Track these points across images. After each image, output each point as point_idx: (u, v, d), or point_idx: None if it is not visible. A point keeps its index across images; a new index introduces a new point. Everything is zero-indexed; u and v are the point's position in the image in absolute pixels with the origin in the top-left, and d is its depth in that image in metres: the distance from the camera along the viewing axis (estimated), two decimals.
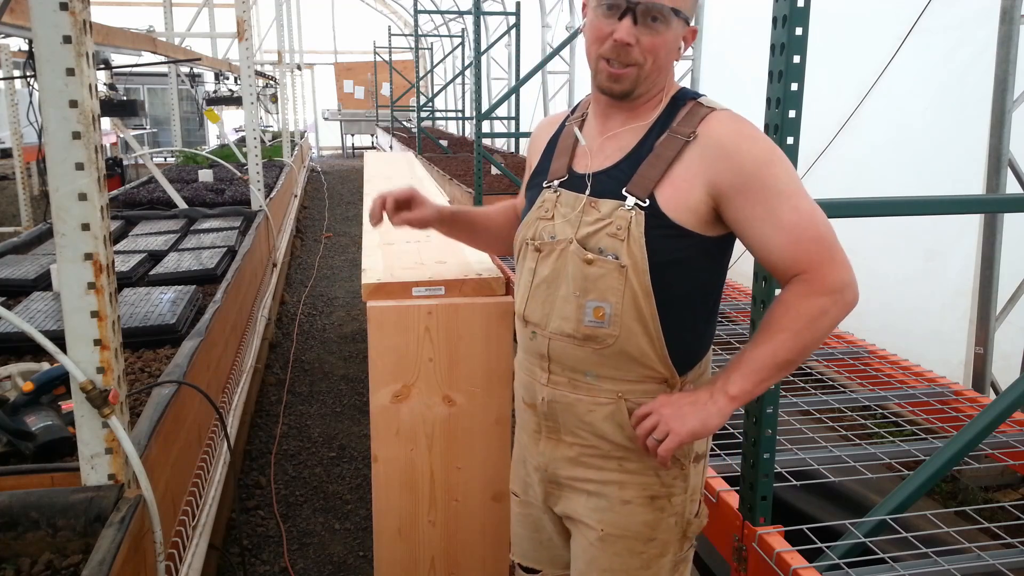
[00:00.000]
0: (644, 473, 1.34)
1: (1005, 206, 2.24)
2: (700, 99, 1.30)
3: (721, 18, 5.27)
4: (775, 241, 1.22)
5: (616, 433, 1.33)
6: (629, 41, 1.23)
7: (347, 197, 11.69)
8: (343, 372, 4.57)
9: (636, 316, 1.27)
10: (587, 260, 1.28)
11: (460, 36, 11.83)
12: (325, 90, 19.54)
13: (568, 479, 1.39)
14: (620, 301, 1.26)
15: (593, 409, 1.33)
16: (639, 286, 1.25)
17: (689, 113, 1.28)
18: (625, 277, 1.25)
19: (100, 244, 1.41)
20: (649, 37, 1.23)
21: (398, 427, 1.82)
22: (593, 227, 1.28)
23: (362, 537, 2.86)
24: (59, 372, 1.84)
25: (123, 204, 5.29)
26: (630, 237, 1.24)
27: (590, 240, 1.28)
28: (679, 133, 1.26)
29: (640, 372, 1.30)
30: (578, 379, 1.34)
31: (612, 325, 1.28)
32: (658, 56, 1.25)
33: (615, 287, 1.26)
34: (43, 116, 1.36)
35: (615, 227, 1.26)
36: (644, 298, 1.25)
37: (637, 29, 1.23)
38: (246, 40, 4.92)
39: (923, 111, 3.41)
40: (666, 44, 1.25)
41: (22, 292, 2.97)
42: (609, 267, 1.26)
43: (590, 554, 1.39)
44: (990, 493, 2.06)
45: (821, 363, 2.69)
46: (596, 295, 1.28)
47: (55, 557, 1.42)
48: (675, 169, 1.25)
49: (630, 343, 1.28)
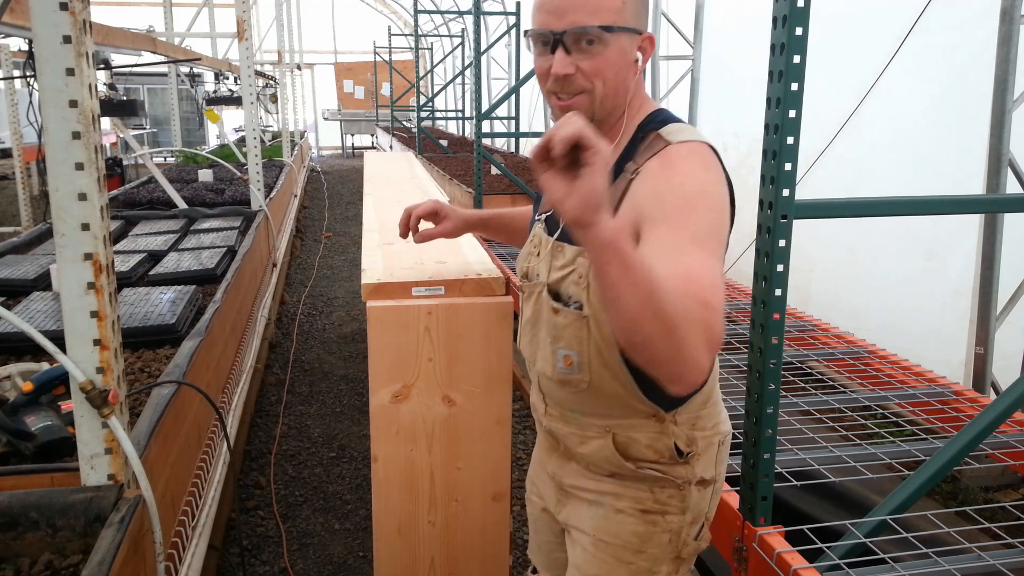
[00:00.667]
0: (638, 488, 1.33)
1: (1005, 206, 2.24)
2: (663, 129, 1.20)
3: (721, 18, 5.28)
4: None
5: (606, 464, 1.33)
6: (567, 72, 1.17)
7: (347, 197, 11.69)
8: (343, 372, 4.57)
9: (602, 363, 1.24)
10: (554, 309, 1.26)
11: (460, 36, 11.83)
12: (325, 90, 19.54)
13: (571, 487, 1.41)
14: (586, 350, 1.24)
15: (584, 442, 1.34)
16: (600, 337, 1.21)
17: (647, 147, 1.20)
18: (588, 327, 1.23)
19: (100, 244, 1.41)
20: (588, 61, 1.16)
21: (398, 427, 1.82)
22: (560, 272, 1.26)
23: (362, 537, 2.86)
24: (59, 372, 1.84)
25: (123, 204, 5.29)
26: (590, 287, 1.20)
27: (560, 285, 1.26)
28: (628, 171, 1.20)
29: (622, 410, 1.29)
30: (567, 415, 1.35)
31: (581, 371, 1.27)
32: (605, 77, 1.18)
33: (580, 336, 1.24)
34: (43, 116, 1.36)
35: (577, 275, 1.23)
36: (607, 348, 1.22)
37: (573, 56, 1.16)
38: (246, 40, 4.92)
39: (923, 111, 3.42)
40: (609, 63, 1.17)
41: (22, 292, 2.96)
42: (572, 317, 1.24)
43: (581, 558, 1.40)
44: (990, 493, 2.06)
45: (821, 363, 2.69)
46: (564, 343, 1.27)
47: (55, 557, 1.42)
48: (622, 209, 1.16)
49: (604, 387, 1.27)
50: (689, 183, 1.10)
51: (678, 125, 1.22)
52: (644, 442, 1.30)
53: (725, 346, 2.81)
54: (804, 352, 2.78)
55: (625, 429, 1.30)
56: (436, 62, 13.33)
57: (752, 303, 1.62)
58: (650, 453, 1.30)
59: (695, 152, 1.16)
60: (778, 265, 1.53)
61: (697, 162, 1.15)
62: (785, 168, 1.50)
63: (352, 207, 10.69)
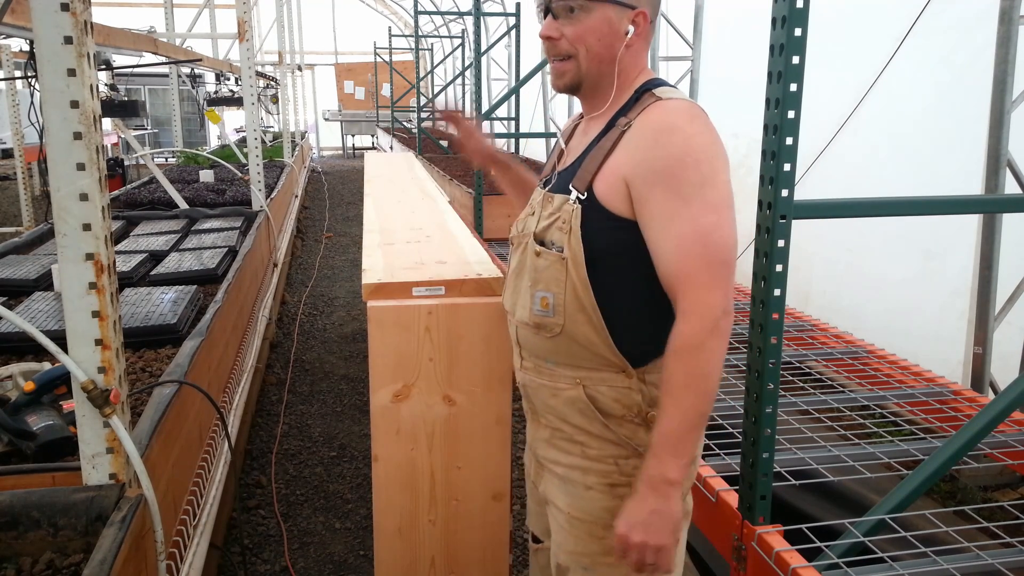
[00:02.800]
0: (603, 461, 1.36)
1: (1004, 206, 2.25)
2: (657, 90, 1.29)
3: (720, 19, 5.28)
4: (663, 247, 1.21)
5: (577, 417, 1.37)
6: (551, 35, 1.28)
7: (347, 197, 11.69)
8: (344, 372, 4.58)
9: (578, 306, 1.30)
10: (536, 252, 1.34)
11: (460, 37, 11.83)
12: (326, 91, 19.54)
13: (544, 459, 1.46)
14: (563, 292, 1.30)
15: (556, 393, 1.38)
16: (577, 278, 1.28)
17: (637, 103, 1.29)
18: (566, 268, 1.29)
19: (101, 244, 1.41)
20: (571, 27, 1.27)
21: (398, 427, 1.82)
22: (548, 221, 1.34)
23: (362, 536, 2.86)
24: (60, 372, 1.85)
25: (124, 204, 5.30)
26: (571, 230, 1.28)
27: (546, 233, 1.33)
28: (620, 124, 1.28)
29: (593, 360, 1.33)
30: (541, 365, 1.39)
31: (556, 314, 1.32)
32: (588, 43, 1.28)
33: (558, 278, 1.30)
34: (44, 117, 1.36)
35: (561, 220, 1.30)
36: (583, 289, 1.28)
37: (559, 22, 1.28)
38: (247, 41, 4.93)
39: (922, 112, 3.42)
40: (592, 30, 1.27)
41: (23, 292, 2.97)
42: (552, 259, 1.31)
43: (560, 536, 1.44)
44: (989, 492, 2.06)
45: (820, 363, 2.70)
46: (543, 285, 1.33)
47: (56, 556, 1.43)
48: (609, 160, 1.27)
49: (576, 331, 1.31)
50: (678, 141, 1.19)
51: (670, 87, 1.31)
52: (613, 396, 1.33)
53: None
54: (803, 352, 2.79)
55: (595, 382, 1.34)
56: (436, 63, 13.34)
57: (751, 303, 1.62)
58: (618, 408, 1.34)
59: (682, 108, 1.24)
60: (777, 265, 1.54)
61: (686, 116, 1.23)
62: (784, 168, 1.51)
63: (352, 207, 10.70)
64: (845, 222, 3.44)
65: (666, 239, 1.20)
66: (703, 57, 5.44)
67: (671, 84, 1.34)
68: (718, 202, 1.19)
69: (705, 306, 1.18)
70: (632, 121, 1.26)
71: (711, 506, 1.84)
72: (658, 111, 1.24)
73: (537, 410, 1.45)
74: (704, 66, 5.45)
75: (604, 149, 1.28)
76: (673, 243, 1.19)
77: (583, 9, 1.26)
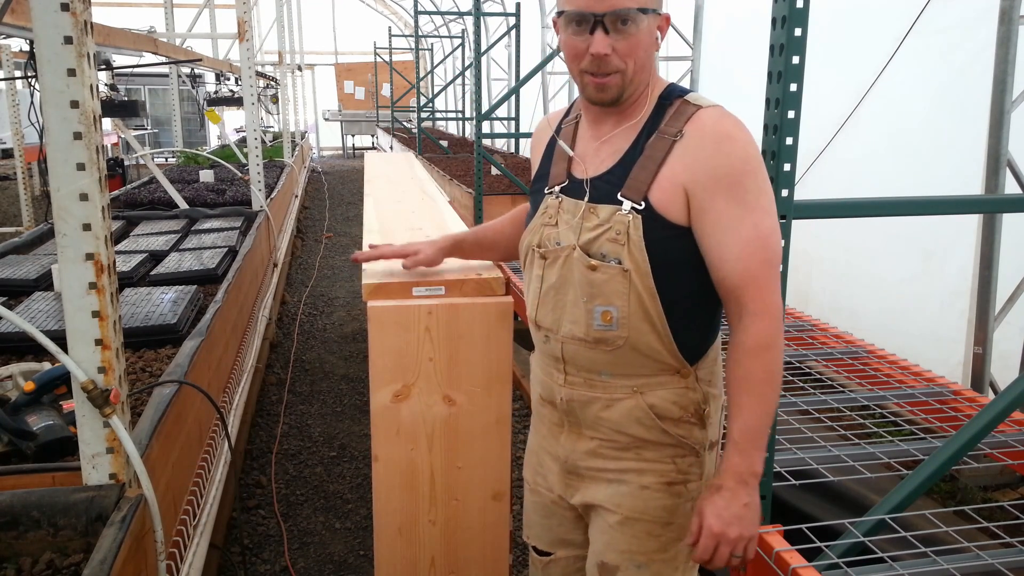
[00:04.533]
0: (661, 461, 1.37)
1: (1004, 206, 2.25)
2: (687, 96, 1.32)
3: (720, 19, 5.28)
4: (729, 252, 1.25)
5: (633, 426, 1.37)
6: (606, 52, 1.25)
7: (348, 197, 11.70)
8: (343, 372, 4.58)
9: (643, 317, 1.30)
10: (591, 266, 1.31)
11: (460, 37, 11.83)
12: (326, 91, 19.55)
13: (588, 469, 1.44)
14: (626, 304, 1.30)
15: (610, 405, 1.37)
16: (643, 288, 1.28)
17: (677, 112, 1.30)
18: (629, 281, 1.28)
19: (101, 244, 1.41)
20: (624, 42, 1.25)
21: (398, 427, 1.82)
22: (594, 232, 1.31)
23: (362, 536, 2.86)
24: (60, 372, 1.85)
25: (124, 204, 5.30)
26: (630, 241, 1.27)
27: (592, 245, 1.31)
28: (667, 133, 1.29)
29: (652, 367, 1.34)
30: (593, 378, 1.38)
31: (621, 327, 1.31)
32: (637, 57, 1.27)
33: (620, 291, 1.29)
34: (44, 116, 1.36)
35: (615, 232, 1.29)
36: (649, 299, 1.29)
37: (611, 37, 1.25)
38: (247, 41, 4.93)
39: (922, 111, 3.42)
40: (641, 44, 1.27)
41: (23, 292, 2.97)
42: (612, 272, 1.29)
43: (608, 536, 1.42)
44: (989, 492, 2.06)
45: (820, 363, 2.70)
46: (602, 300, 1.31)
47: (56, 556, 1.43)
48: (664, 169, 1.27)
49: (640, 342, 1.32)
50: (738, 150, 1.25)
51: (696, 93, 1.34)
52: (671, 399, 1.35)
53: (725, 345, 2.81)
54: (803, 352, 2.79)
55: (653, 387, 1.35)
56: (436, 63, 13.34)
57: None
58: (676, 411, 1.35)
59: (727, 115, 1.28)
60: None
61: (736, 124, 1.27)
62: (784, 168, 1.51)
63: (353, 207, 10.70)
64: (845, 222, 3.44)
65: (732, 244, 1.24)
66: (703, 57, 5.44)
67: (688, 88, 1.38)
68: (771, 208, 1.27)
69: (775, 306, 1.26)
70: (683, 130, 1.27)
71: None
72: (708, 119, 1.27)
73: (583, 423, 1.42)
74: (704, 66, 5.45)
75: (655, 159, 1.28)
76: (739, 248, 1.24)
77: (635, 22, 1.24)
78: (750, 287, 1.25)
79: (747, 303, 1.26)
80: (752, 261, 1.24)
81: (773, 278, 1.26)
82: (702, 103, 1.29)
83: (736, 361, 1.28)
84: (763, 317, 1.25)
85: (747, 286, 1.25)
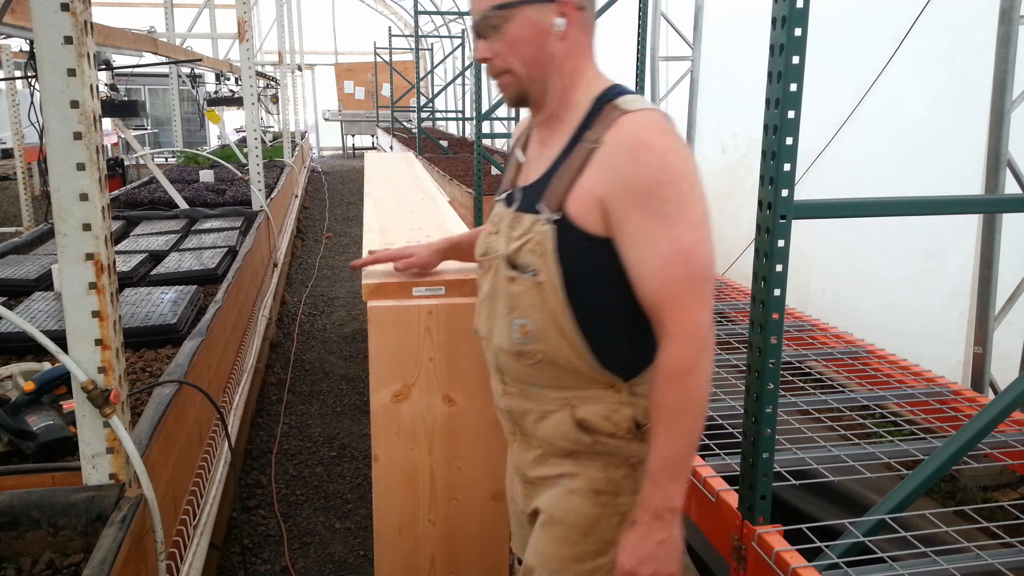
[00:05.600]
0: (593, 467, 1.32)
1: (1004, 206, 2.25)
2: (619, 100, 1.24)
3: (720, 19, 5.28)
4: (645, 268, 1.17)
5: (564, 440, 1.33)
6: (483, 56, 1.26)
7: (347, 197, 11.70)
8: (343, 372, 4.58)
9: (558, 331, 1.25)
10: (510, 278, 1.28)
11: (460, 37, 11.83)
12: (326, 91, 19.55)
13: (536, 478, 1.41)
14: (541, 317, 1.26)
15: (544, 417, 1.34)
16: (555, 302, 1.24)
17: (602, 117, 1.23)
18: (543, 294, 1.24)
19: (101, 244, 1.41)
20: (500, 42, 1.25)
21: (398, 426, 1.82)
22: (519, 242, 1.27)
23: (362, 536, 2.86)
24: (60, 372, 1.85)
25: (124, 204, 5.30)
26: (545, 252, 1.23)
27: (518, 256, 1.27)
28: (588, 140, 1.23)
29: (580, 380, 1.30)
30: (527, 389, 1.34)
31: (537, 341, 1.27)
32: (518, 51, 1.25)
33: (535, 304, 1.25)
34: (44, 117, 1.36)
35: (534, 242, 1.25)
36: (562, 313, 1.24)
37: (489, 41, 1.25)
38: (247, 41, 4.93)
39: (922, 111, 3.42)
40: (519, 39, 1.24)
41: (23, 292, 2.97)
42: (527, 284, 1.26)
43: (534, 537, 1.39)
44: (989, 492, 2.06)
45: (820, 363, 2.69)
46: (520, 312, 1.28)
47: (56, 556, 1.43)
48: (581, 179, 1.21)
49: (558, 356, 1.27)
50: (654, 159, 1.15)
51: (632, 96, 1.24)
52: (602, 413, 1.29)
53: (724, 345, 2.81)
54: (803, 352, 2.78)
55: (585, 400, 1.30)
56: (436, 63, 13.33)
57: (751, 303, 1.62)
58: (608, 425, 1.29)
59: (652, 120, 1.19)
60: (777, 265, 1.54)
61: (658, 130, 1.18)
62: (784, 168, 1.51)
63: (353, 207, 10.70)
64: (845, 222, 3.44)
65: (648, 260, 1.16)
66: (703, 57, 5.44)
67: (630, 90, 1.28)
68: (697, 219, 1.16)
69: (694, 326, 1.15)
70: (602, 138, 1.20)
71: (711, 506, 1.84)
72: (628, 125, 1.19)
73: (527, 432, 1.40)
74: (704, 66, 5.45)
75: (573, 167, 1.22)
76: (655, 264, 1.16)
77: (503, 19, 1.23)
78: (668, 306, 1.16)
79: (666, 323, 1.17)
80: (671, 278, 1.15)
81: (696, 296, 1.16)
82: (630, 107, 1.21)
83: (654, 387, 1.20)
84: (679, 339, 1.16)
85: (665, 305, 1.16)
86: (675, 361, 1.16)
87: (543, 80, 1.27)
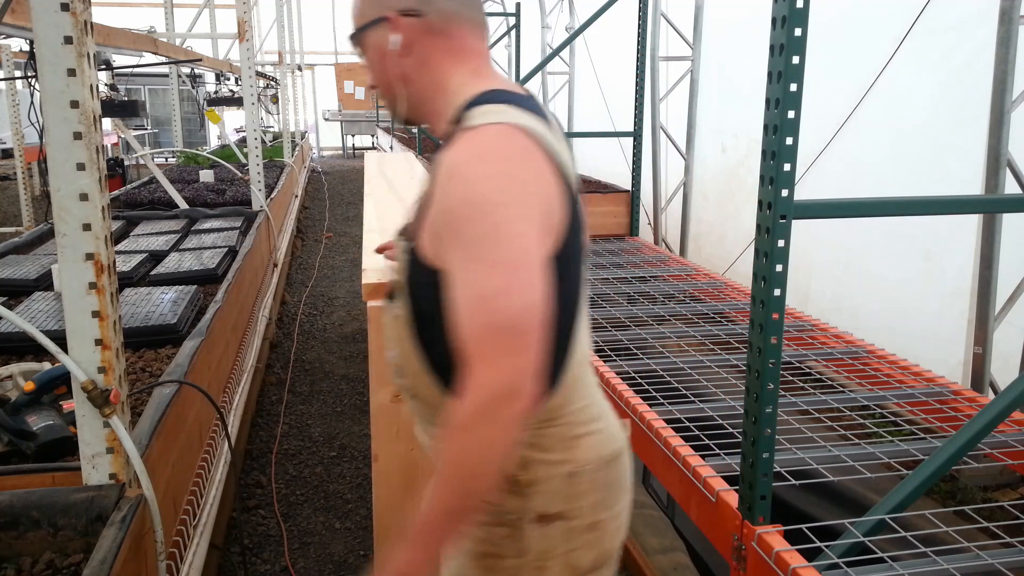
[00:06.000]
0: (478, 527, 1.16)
1: (1003, 206, 2.25)
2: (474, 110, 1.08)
3: (720, 19, 5.28)
4: (455, 312, 0.98)
5: None
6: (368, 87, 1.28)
7: (347, 197, 11.70)
8: (343, 372, 4.58)
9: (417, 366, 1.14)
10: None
11: None
12: (326, 91, 19.54)
13: None
14: (403, 351, 1.16)
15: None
16: (409, 335, 1.13)
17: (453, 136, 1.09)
18: (400, 327, 1.15)
19: (101, 244, 1.41)
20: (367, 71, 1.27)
21: (398, 426, 1.82)
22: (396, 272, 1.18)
23: (363, 536, 2.86)
24: (60, 372, 1.85)
25: (124, 204, 5.31)
26: (402, 284, 1.13)
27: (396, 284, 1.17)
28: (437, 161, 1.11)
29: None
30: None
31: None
32: (377, 78, 1.25)
33: (398, 335, 1.16)
34: (44, 116, 1.37)
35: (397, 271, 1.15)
36: (415, 348, 1.13)
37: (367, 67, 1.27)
38: (247, 41, 4.93)
39: (922, 111, 3.42)
40: (372, 65, 1.24)
41: (23, 292, 2.97)
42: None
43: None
44: (989, 492, 2.06)
45: (820, 363, 2.70)
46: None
47: (56, 556, 1.43)
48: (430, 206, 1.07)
49: (425, 395, 1.16)
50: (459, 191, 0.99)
51: (486, 107, 1.07)
52: None
53: (724, 345, 2.81)
54: (803, 352, 2.79)
55: None
56: None
57: (751, 303, 1.62)
58: None
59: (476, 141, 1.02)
60: (777, 265, 1.54)
61: (475, 153, 1.01)
62: (784, 168, 1.51)
63: (353, 207, 10.70)
64: (845, 222, 3.44)
65: (455, 303, 0.98)
66: (703, 57, 5.45)
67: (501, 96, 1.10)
68: (504, 260, 0.95)
69: (478, 385, 0.93)
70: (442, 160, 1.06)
71: (711, 506, 1.84)
72: (453, 148, 1.03)
73: None
74: (704, 66, 5.45)
75: (427, 194, 1.09)
76: (459, 308, 0.97)
77: (361, 50, 1.24)
78: (465, 356, 0.95)
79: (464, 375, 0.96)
80: (469, 326, 0.95)
81: (491, 349, 0.93)
82: (472, 122, 1.04)
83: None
84: (464, 395, 0.94)
85: (463, 355, 0.96)
86: (457, 415, 0.95)
87: (406, 99, 1.22)
